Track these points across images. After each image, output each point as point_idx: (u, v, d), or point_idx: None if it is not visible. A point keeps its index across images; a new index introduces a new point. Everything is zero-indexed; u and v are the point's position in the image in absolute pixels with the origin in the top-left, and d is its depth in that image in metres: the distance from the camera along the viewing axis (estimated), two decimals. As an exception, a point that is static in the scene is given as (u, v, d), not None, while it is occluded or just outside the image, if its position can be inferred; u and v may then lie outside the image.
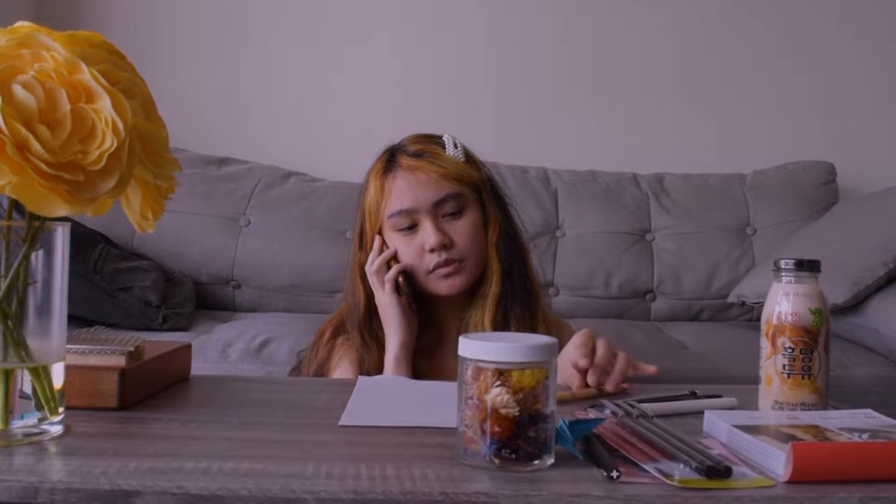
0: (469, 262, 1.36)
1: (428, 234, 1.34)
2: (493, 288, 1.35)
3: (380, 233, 1.38)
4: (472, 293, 1.39)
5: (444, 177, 1.35)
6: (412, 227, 1.35)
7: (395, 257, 1.36)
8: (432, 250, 1.33)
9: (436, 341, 1.40)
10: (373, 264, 1.37)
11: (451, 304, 1.39)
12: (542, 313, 1.41)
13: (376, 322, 1.38)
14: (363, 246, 1.41)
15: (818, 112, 2.77)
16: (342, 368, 1.38)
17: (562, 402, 0.97)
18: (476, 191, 1.39)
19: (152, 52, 2.70)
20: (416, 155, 1.37)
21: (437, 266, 1.34)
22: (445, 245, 1.34)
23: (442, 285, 1.35)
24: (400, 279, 1.35)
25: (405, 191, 1.35)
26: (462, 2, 2.77)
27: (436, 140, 1.41)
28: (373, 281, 1.37)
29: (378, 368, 1.34)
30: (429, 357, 1.39)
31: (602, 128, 2.77)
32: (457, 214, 1.36)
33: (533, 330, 1.35)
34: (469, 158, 1.41)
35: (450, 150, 1.38)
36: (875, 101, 2.78)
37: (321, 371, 1.40)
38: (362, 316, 1.38)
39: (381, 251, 1.37)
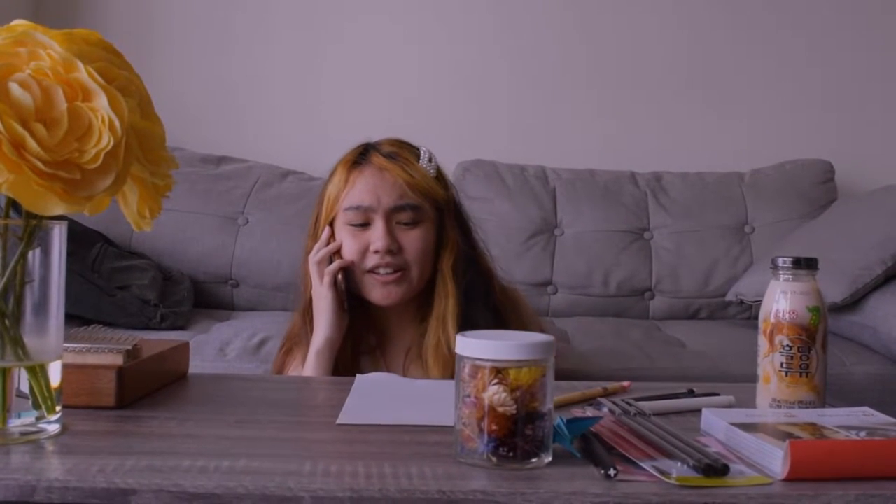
0: (411, 273, 1.35)
1: (378, 235, 1.33)
2: (450, 309, 1.34)
3: (331, 224, 1.39)
4: (421, 311, 1.39)
5: (409, 185, 1.35)
6: (364, 225, 1.35)
7: (339, 252, 1.37)
8: (377, 252, 1.33)
9: (379, 343, 1.42)
10: (317, 254, 1.37)
11: (394, 309, 1.39)
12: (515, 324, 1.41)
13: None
14: (315, 232, 1.41)
15: (816, 110, 2.77)
16: (296, 362, 1.40)
17: (570, 402, 0.96)
18: (437, 210, 1.39)
19: (151, 50, 2.70)
20: (389, 156, 1.37)
21: (377, 266, 1.33)
22: (392, 251, 1.33)
23: (377, 292, 1.35)
24: (339, 276, 1.36)
25: (367, 188, 1.35)
26: (459, 1, 2.77)
27: (412, 149, 1.42)
28: (312, 271, 1.37)
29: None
30: (373, 359, 1.40)
31: (600, 126, 2.77)
32: (411, 225, 1.35)
33: None
34: (440, 176, 1.41)
35: (423, 163, 1.38)
36: (873, 100, 2.78)
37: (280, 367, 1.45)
38: (307, 304, 1.40)
39: (327, 243, 1.38)
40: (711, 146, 2.75)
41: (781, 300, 0.93)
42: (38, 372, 0.74)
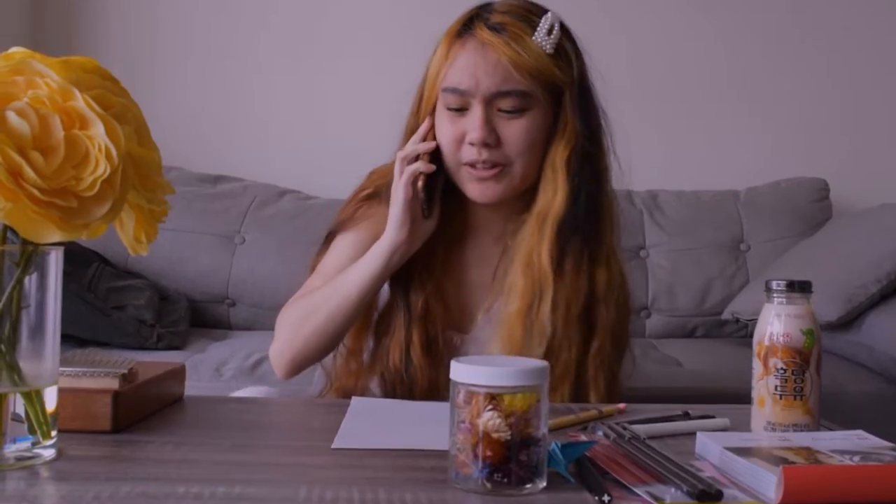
0: (514, 169, 1.16)
1: (474, 125, 1.14)
2: (555, 209, 1.15)
3: (433, 112, 1.20)
4: (519, 203, 1.21)
5: (516, 66, 1.13)
6: (462, 110, 1.16)
7: (433, 154, 1.18)
8: (472, 144, 1.15)
9: (460, 231, 1.25)
10: (405, 150, 1.19)
11: (491, 205, 1.21)
12: (608, 254, 1.19)
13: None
14: (417, 114, 1.24)
15: (811, 129, 2.78)
16: (357, 234, 1.26)
17: (566, 426, 0.96)
18: (554, 92, 1.18)
19: (148, 70, 2.71)
20: (494, 28, 1.15)
21: (474, 161, 1.15)
22: (488, 144, 1.14)
23: (474, 188, 1.18)
24: (420, 181, 1.17)
25: (466, 68, 1.15)
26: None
27: (530, 16, 1.17)
28: (397, 167, 1.18)
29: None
30: (447, 247, 1.24)
31: (596, 145, 2.78)
32: (515, 113, 1.15)
33: (590, 272, 1.17)
34: (560, 51, 1.18)
35: (539, 36, 1.15)
36: (868, 118, 2.79)
37: (338, 226, 1.29)
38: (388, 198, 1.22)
39: (424, 137, 1.19)
40: (707, 165, 2.76)
41: (775, 323, 0.93)
42: (33, 397, 0.74)
